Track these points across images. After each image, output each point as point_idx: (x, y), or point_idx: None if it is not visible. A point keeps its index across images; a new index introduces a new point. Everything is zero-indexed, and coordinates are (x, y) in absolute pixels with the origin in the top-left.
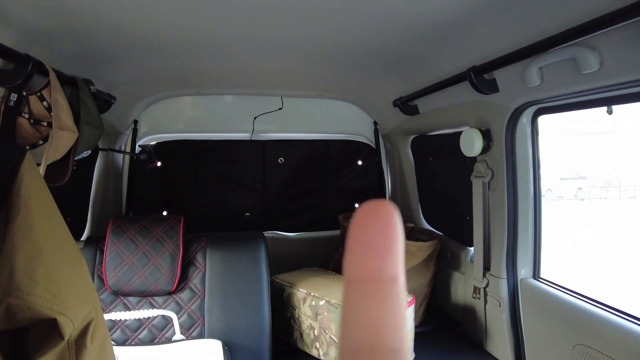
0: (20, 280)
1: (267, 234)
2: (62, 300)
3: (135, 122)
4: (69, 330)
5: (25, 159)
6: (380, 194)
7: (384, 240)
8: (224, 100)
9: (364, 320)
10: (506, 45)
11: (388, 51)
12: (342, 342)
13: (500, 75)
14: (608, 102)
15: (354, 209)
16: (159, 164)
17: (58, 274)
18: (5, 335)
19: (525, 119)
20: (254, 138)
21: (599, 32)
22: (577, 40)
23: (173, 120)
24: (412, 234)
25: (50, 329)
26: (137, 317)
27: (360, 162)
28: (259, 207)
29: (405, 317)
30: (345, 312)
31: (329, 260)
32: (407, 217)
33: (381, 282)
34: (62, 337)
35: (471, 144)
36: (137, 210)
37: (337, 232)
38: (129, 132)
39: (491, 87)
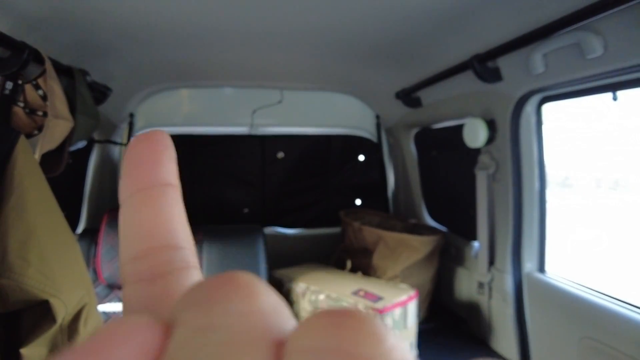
0: (13, 262)
1: (267, 230)
2: (54, 282)
3: (132, 115)
4: (62, 313)
5: (19, 142)
6: (382, 189)
7: (150, 154)
8: (222, 93)
9: (137, 227)
10: (510, 32)
11: (390, 42)
12: (121, 257)
13: (504, 63)
14: (613, 88)
15: (355, 205)
16: None
17: (51, 256)
18: None
19: (530, 108)
20: (252, 132)
21: (603, 14)
22: (580, 24)
23: (170, 113)
24: (416, 229)
25: (43, 314)
26: None
27: (362, 157)
28: (258, 203)
29: (183, 220)
30: (121, 226)
31: (330, 257)
32: (411, 213)
33: (153, 188)
34: (54, 321)
35: (475, 134)
36: None
37: (338, 229)
38: (125, 126)
39: (495, 76)
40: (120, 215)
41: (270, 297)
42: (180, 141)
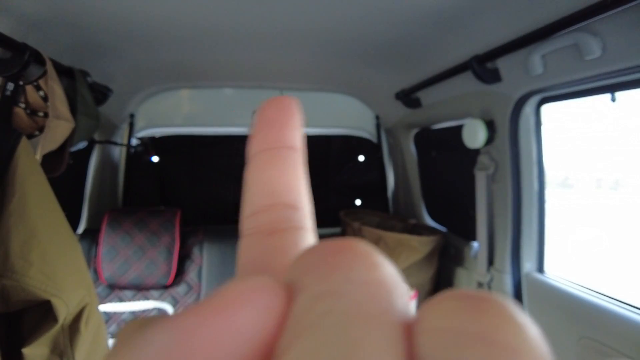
0: (15, 262)
1: None
2: (56, 282)
3: (132, 115)
4: (63, 313)
5: (21, 143)
6: (382, 189)
7: (280, 117)
8: (222, 93)
9: (261, 184)
10: (509, 34)
11: (390, 42)
12: (243, 211)
13: (503, 64)
14: (612, 89)
15: (355, 205)
16: (156, 158)
17: (53, 257)
18: (0, 319)
19: (529, 108)
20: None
21: (601, 16)
22: (578, 26)
23: (170, 113)
24: (415, 229)
25: (44, 314)
26: (132, 310)
27: (361, 158)
28: None
29: (304, 183)
30: (245, 183)
31: None
32: (410, 213)
33: (280, 149)
34: (56, 321)
35: (474, 135)
36: (134, 205)
37: (338, 229)
38: (126, 126)
39: (494, 77)
40: (247, 171)
41: (391, 269)
42: (180, 141)
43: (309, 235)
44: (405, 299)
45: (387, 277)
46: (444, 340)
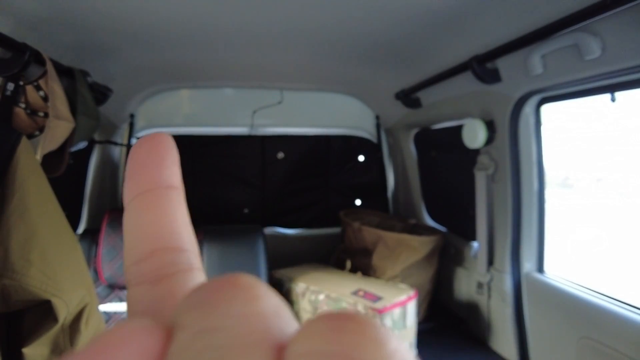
0: (15, 262)
1: (267, 230)
2: (56, 282)
3: (132, 116)
4: (63, 313)
5: (21, 143)
6: (382, 189)
7: (153, 157)
8: (222, 93)
9: (140, 230)
10: (509, 34)
11: (390, 42)
12: (126, 260)
13: (503, 64)
14: (611, 89)
15: (355, 205)
16: None
17: (53, 257)
18: (0, 319)
19: (528, 108)
20: (253, 132)
21: (600, 16)
22: (578, 26)
23: (170, 114)
24: (415, 229)
25: (44, 313)
26: None
27: (361, 158)
28: (258, 203)
29: (187, 222)
30: (125, 230)
31: (329, 257)
32: (410, 213)
33: (155, 190)
34: (56, 321)
35: (474, 135)
36: None
37: (338, 229)
38: (126, 126)
39: (494, 77)
40: (124, 218)
41: (271, 300)
42: (180, 141)
43: (197, 275)
44: (287, 324)
45: (267, 308)
46: None
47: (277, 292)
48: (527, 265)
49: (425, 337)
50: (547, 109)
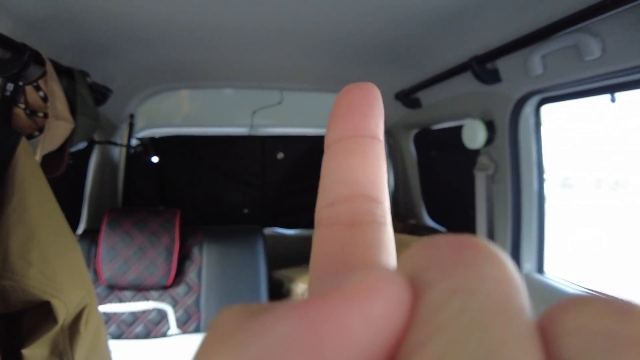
0: (15, 262)
1: (267, 230)
2: (56, 283)
3: (132, 116)
4: (63, 314)
5: (21, 143)
6: None
7: (364, 104)
8: (222, 93)
9: (342, 173)
10: (509, 34)
11: (389, 42)
12: (320, 200)
13: (503, 65)
14: (612, 89)
15: None
16: (156, 159)
17: (52, 257)
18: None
19: (528, 109)
20: (252, 133)
21: (600, 17)
22: (578, 26)
23: (170, 114)
24: (415, 230)
25: (44, 314)
26: (132, 310)
27: None
28: (257, 204)
29: (385, 175)
30: (324, 170)
31: None
32: (410, 214)
33: (361, 138)
34: (55, 322)
35: (474, 135)
36: (134, 205)
37: None
38: (126, 127)
39: (494, 77)
40: (325, 158)
41: (515, 269)
42: (180, 142)
43: (389, 232)
44: (528, 301)
45: (516, 276)
46: (594, 341)
47: (277, 292)
48: (527, 265)
49: None
50: (547, 110)
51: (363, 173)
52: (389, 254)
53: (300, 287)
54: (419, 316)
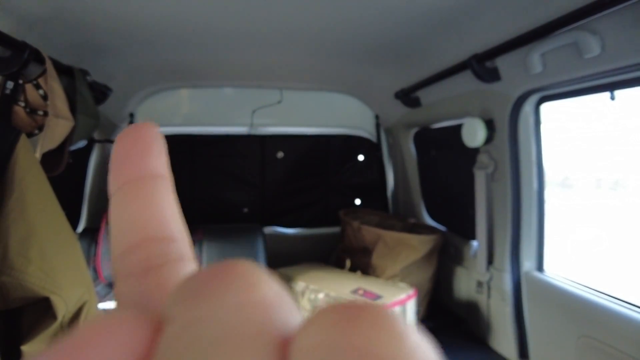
0: (14, 259)
1: (266, 229)
2: (55, 279)
3: (132, 115)
4: (62, 310)
5: (20, 141)
6: (381, 189)
7: (139, 145)
8: (221, 93)
9: (127, 219)
10: (508, 32)
11: (389, 42)
12: (113, 251)
13: (503, 63)
14: (611, 87)
15: (355, 205)
16: None
17: (52, 254)
18: None
19: (528, 107)
20: (252, 132)
21: (599, 14)
22: (577, 24)
23: (170, 113)
24: (415, 228)
25: (43, 311)
26: None
27: (361, 157)
28: (257, 203)
29: (176, 211)
30: (111, 220)
31: (329, 256)
32: (410, 212)
33: (142, 179)
34: (55, 318)
35: (474, 134)
36: None
37: (337, 229)
38: (125, 126)
39: (493, 76)
40: (110, 209)
41: (272, 288)
42: (180, 141)
43: (189, 266)
44: (290, 315)
45: (268, 296)
46: (317, 357)
47: None
48: (527, 264)
49: (425, 336)
50: (546, 108)
51: (150, 214)
52: None
53: (299, 286)
54: (156, 352)
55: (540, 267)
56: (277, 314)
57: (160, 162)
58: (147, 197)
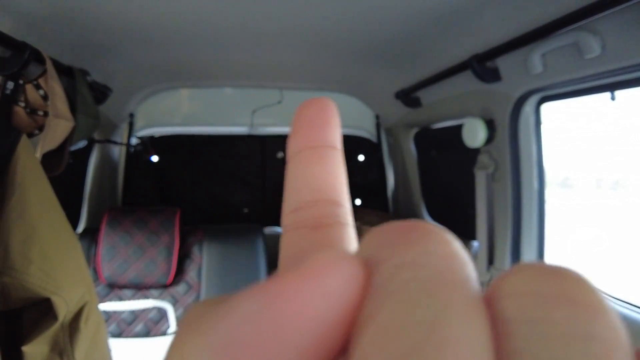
0: (15, 259)
1: (267, 230)
2: (56, 280)
3: (132, 115)
4: (63, 311)
5: (21, 142)
6: (382, 189)
7: (321, 117)
8: (221, 93)
9: (305, 180)
10: (508, 32)
11: (389, 41)
12: (285, 207)
13: (503, 63)
14: (611, 87)
15: (355, 205)
16: (155, 158)
17: (53, 254)
18: (0, 317)
19: (529, 107)
20: (252, 132)
21: (600, 15)
22: (578, 24)
23: (170, 113)
24: None
25: (44, 311)
26: (132, 309)
27: (361, 157)
28: (258, 203)
29: (345, 180)
30: (287, 179)
31: None
32: (410, 212)
33: (322, 148)
34: (55, 319)
35: (474, 134)
36: (133, 204)
37: None
38: (125, 126)
39: (494, 76)
40: (289, 168)
41: (461, 247)
42: (180, 141)
43: (351, 232)
44: (475, 274)
45: (460, 251)
46: (528, 301)
47: None
48: None
49: None
50: (547, 108)
51: (324, 180)
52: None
53: None
54: (371, 289)
55: None
56: (470, 267)
57: (337, 135)
58: (325, 164)
